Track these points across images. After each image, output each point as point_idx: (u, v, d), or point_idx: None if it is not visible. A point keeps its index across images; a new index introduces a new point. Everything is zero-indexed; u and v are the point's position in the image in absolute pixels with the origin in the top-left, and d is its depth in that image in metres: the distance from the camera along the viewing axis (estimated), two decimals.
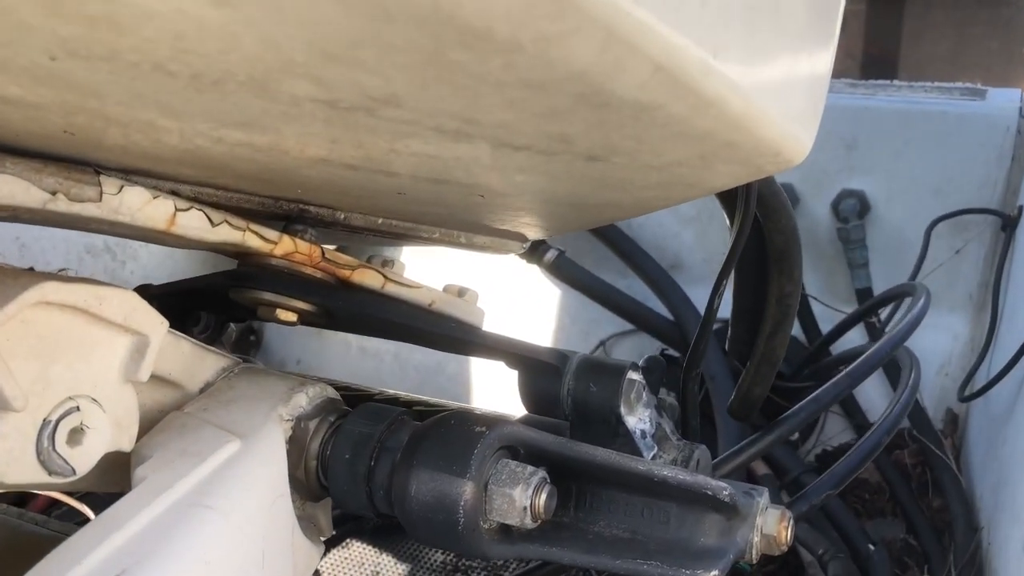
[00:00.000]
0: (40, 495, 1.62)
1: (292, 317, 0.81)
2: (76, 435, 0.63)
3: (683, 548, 0.71)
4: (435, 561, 1.82)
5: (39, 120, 0.58)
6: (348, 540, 1.88)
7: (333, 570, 1.81)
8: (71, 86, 0.51)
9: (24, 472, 0.60)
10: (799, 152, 0.62)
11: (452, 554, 1.85)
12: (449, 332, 0.81)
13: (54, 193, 0.65)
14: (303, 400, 0.77)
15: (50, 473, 0.62)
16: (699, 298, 2.05)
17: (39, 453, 0.61)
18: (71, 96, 0.53)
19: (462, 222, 0.90)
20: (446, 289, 0.94)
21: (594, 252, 2.23)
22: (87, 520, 0.94)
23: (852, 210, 2.02)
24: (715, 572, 0.69)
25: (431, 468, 0.69)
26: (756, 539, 0.72)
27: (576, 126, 0.54)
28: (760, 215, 0.93)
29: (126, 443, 0.68)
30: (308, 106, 0.52)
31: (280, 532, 0.71)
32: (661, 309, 2.10)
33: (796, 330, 2.07)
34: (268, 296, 0.78)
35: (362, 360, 2.61)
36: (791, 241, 0.96)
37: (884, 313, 1.87)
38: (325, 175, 0.70)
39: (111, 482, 0.74)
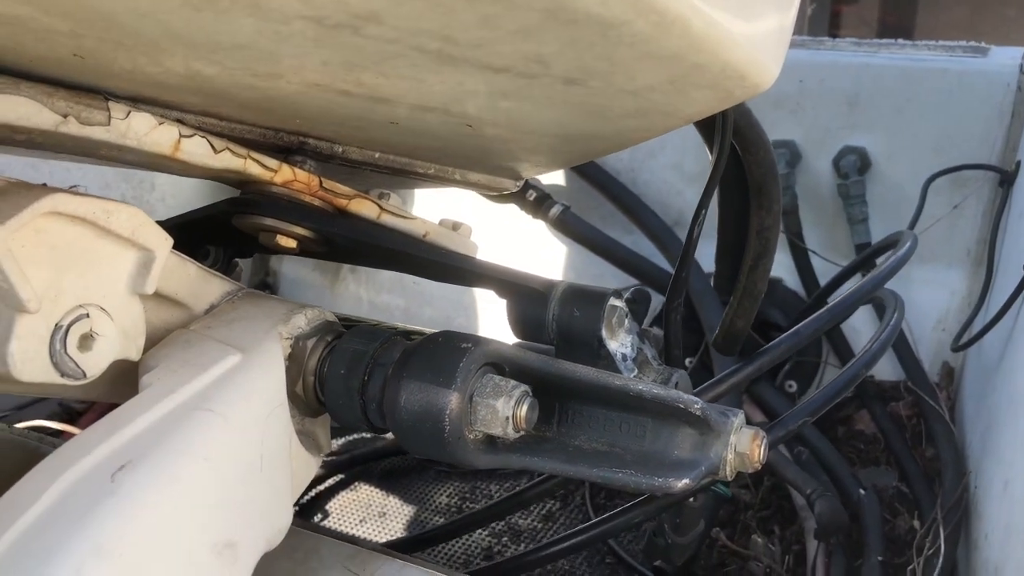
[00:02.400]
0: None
1: (292, 243, 0.85)
2: (86, 341, 0.68)
3: (658, 460, 0.75)
4: (440, 503, 1.88)
5: (49, 43, 0.62)
6: (356, 483, 1.94)
7: (342, 511, 1.87)
8: (77, 5, 0.55)
9: (37, 372, 0.65)
10: (765, 77, 0.66)
11: (456, 496, 1.90)
12: (443, 260, 0.86)
13: (65, 116, 0.69)
14: (302, 321, 0.82)
15: (62, 375, 0.67)
16: (700, 254, 2.08)
17: (52, 355, 0.66)
18: (78, 15, 0.57)
19: (455, 157, 0.94)
20: (441, 223, 0.98)
21: (599, 208, 2.26)
22: None
23: (852, 166, 2.05)
24: (686, 481, 0.73)
25: (419, 380, 0.74)
26: (730, 456, 0.76)
27: (549, 45, 0.57)
28: (739, 148, 0.96)
29: (133, 352, 0.72)
30: (297, 24, 0.56)
31: (278, 440, 0.75)
32: (665, 264, 2.14)
33: (796, 283, 2.10)
34: (269, 222, 0.83)
35: (372, 314, 2.66)
36: (769, 175, 0.99)
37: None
38: (322, 103, 0.74)
39: (118, 393, 0.79)
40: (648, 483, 0.73)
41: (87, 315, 0.67)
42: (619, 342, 0.86)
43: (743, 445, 0.76)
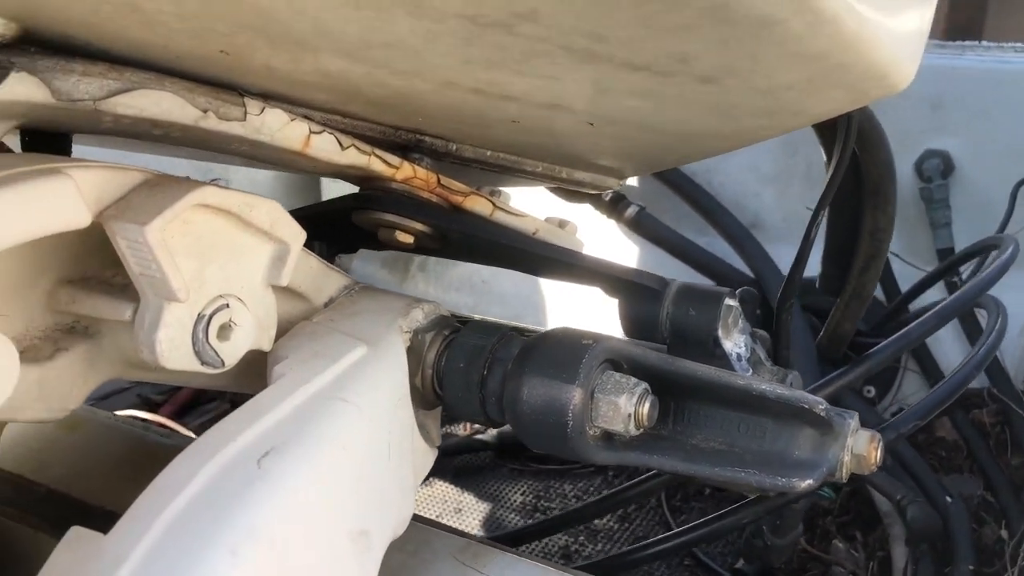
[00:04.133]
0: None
1: (409, 239, 0.87)
2: (225, 331, 0.70)
3: (779, 460, 0.75)
4: (515, 501, 1.89)
5: (202, 39, 0.64)
6: (431, 479, 1.96)
7: (418, 506, 1.89)
8: (240, 2, 0.56)
9: (181, 360, 0.67)
10: (905, 77, 0.65)
11: (531, 494, 1.91)
12: (556, 256, 0.86)
13: (205, 111, 0.72)
14: (419, 315, 0.83)
15: (202, 363, 0.68)
16: (777, 256, 2.07)
17: (194, 343, 0.68)
18: (239, 13, 0.58)
19: (566, 155, 0.94)
20: (547, 220, 0.99)
21: (674, 209, 2.25)
22: None
23: (936, 170, 2.02)
24: (810, 481, 0.73)
25: (542, 375, 0.74)
26: (847, 458, 0.76)
27: (697, 44, 0.58)
28: (858, 148, 0.95)
29: (266, 342, 0.74)
30: (451, 22, 0.57)
31: (403, 431, 0.77)
32: (741, 266, 2.12)
33: (875, 290, 2.08)
34: (390, 217, 0.84)
35: None
36: (887, 175, 0.98)
37: (965, 273, 1.87)
38: (448, 101, 0.75)
39: (246, 383, 0.81)
40: (772, 483, 0.73)
41: (227, 305, 0.69)
42: (733, 342, 0.86)
43: (860, 447, 0.76)
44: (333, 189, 2.13)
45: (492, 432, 2.02)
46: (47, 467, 1.06)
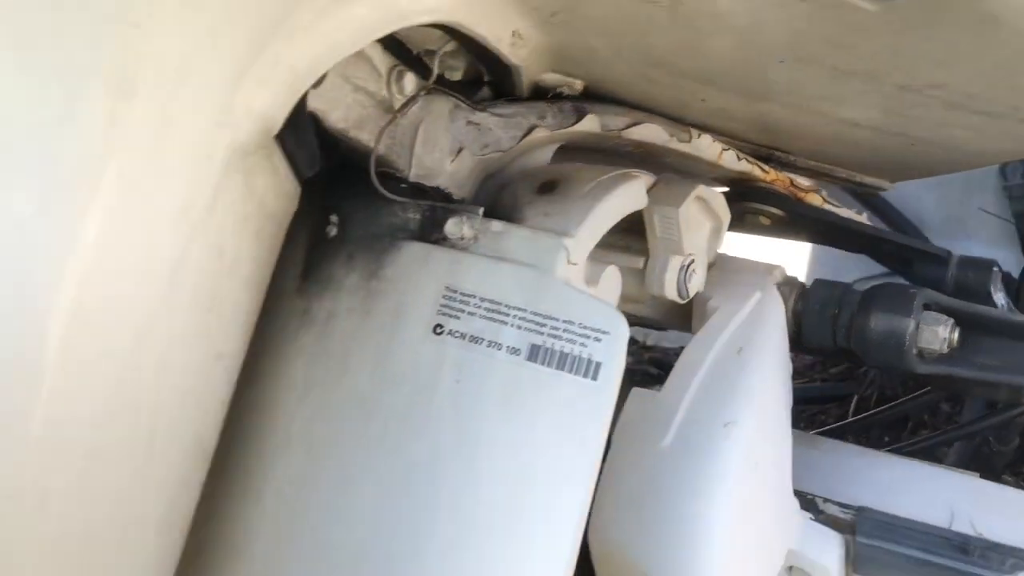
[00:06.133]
0: None
1: (768, 222, 1.25)
2: (690, 276, 1.09)
3: None
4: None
5: (687, 96, 1.03)
6: None
7: None
8: (760, 79, 0.95)
9: (671, 291, 1.06)
10: None
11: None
12: (873, 234, 1.24)
13: (671, 136, 1.11)
14: (779, 274, 1.21)
15: (679, 296, 1.07)
16: None
17: (678, 283, 1.07)
18: (750, 84, 0.97)
19: (867, 166, 1.32)
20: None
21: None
22: None
23: None
24: None
25: (886, 311, 1.12)
26: None
27: None
28: None
29: (702, 287, 1.13)
30: (887, 88, 0.95)
31: (787, 363, 1.15)
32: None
33: None
34: (760, 207, 1.23)
35: None
36: None
37: None
38: (823, 129, 1.13)
39: (670, 319, 1.20)
40: None
41: (693, 260, 1.08)
42: (998, 297, 1.23)
43: None
44: None
45: None
46: None
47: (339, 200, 0.91)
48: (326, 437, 0.85)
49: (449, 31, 0.84)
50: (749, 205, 1.23)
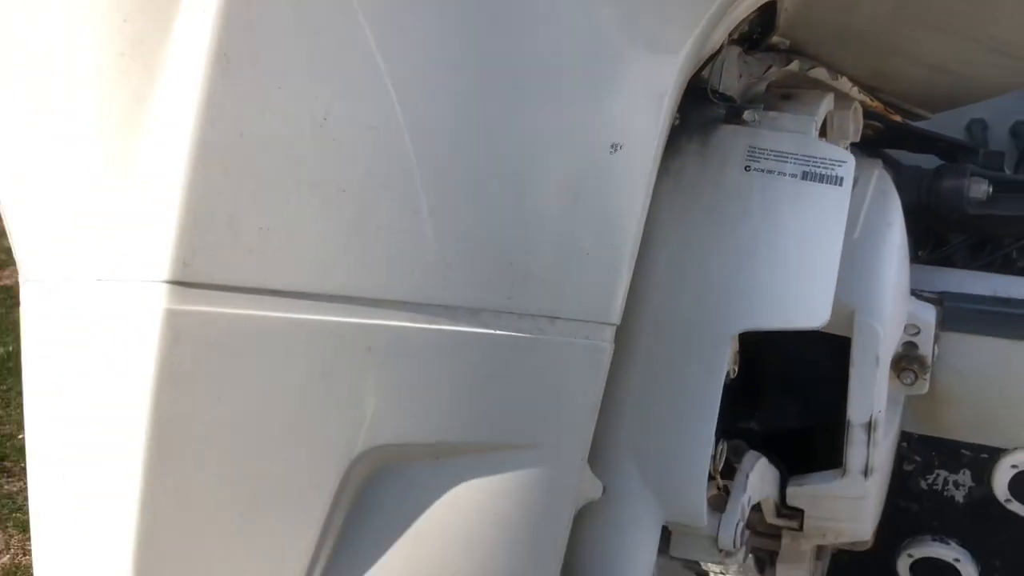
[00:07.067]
0: None
1: (871, 133, 2.04)
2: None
3: None
4: None
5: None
6: None
7: None
8: None
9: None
10: None
11: None
12: (935, 136, 2.05)
13: (831, 76, 1.88)
14: (880, 161, 2.00)
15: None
16: None
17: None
18: None
19: (921, 99, 2.12)
20: None
21: None
22: None
23: None
24: None
25: (950, 176, 1.91)
26: None
27: None
28: None
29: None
30: (962, 40, 1.73)
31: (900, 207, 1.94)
32: None
33: None
34: (868, 122, 2.02)
35: None
36: None
37: None
38: (915, 74, 1.92)
39: None
40: None
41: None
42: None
43: None
44: None
45: None
46: None
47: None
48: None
49: None
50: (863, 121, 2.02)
